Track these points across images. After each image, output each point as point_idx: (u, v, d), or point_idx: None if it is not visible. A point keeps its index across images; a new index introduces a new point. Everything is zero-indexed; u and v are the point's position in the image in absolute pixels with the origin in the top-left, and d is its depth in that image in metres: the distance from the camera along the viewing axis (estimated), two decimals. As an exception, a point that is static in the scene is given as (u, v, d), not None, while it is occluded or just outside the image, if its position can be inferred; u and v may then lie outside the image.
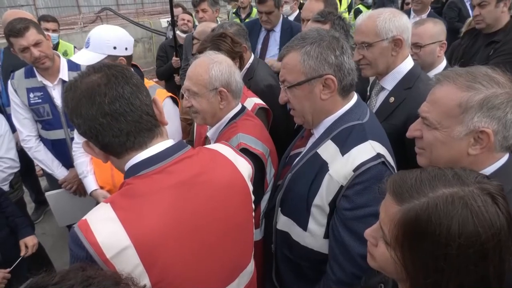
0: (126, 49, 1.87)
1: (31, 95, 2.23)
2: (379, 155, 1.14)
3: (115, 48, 1.82)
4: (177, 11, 5.08)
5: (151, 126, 0.91)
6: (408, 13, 3.64)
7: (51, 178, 2.50)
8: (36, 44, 2.11)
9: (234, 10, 5.23)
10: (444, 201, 0.67)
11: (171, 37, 4.07)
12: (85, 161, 2.10)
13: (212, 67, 1.43)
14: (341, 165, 1.15)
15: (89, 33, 1.83)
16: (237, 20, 4.87)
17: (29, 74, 2.25)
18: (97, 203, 2.12)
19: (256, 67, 2.20)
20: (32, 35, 2.09)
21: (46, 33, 2.29)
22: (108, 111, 0.85)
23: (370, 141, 1.16)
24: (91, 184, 2.06)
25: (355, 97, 1.28)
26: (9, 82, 2.26)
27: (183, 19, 4.08)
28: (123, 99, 0.86)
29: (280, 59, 1.29)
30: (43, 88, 2.25)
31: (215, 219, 0.95)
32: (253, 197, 1.09)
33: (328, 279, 1.22)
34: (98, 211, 0.85)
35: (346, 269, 1.16)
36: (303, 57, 1.18)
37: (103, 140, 0.87)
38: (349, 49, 1.24)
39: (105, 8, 10.95)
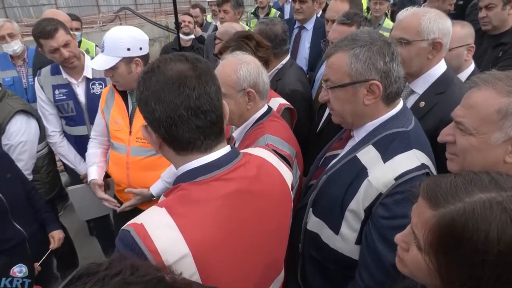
0: (140, 49, 1.84)
1: (57, 91, 2.28)
2: (423, 166, 1.10)
3: (129, 49, 1.80)
4: (195, 12, 5.13)
5: (220, 131, 0.89)
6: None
7: (73, 173, 2.54)
8: (66, 45, 2.15)
9: (253, 10, 5.25)
10: (481, 206, 0.64)
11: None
12: (95, 152, 2.15)
13: (240, 67, 1.41)
14: (382, 172, 1.11)
15: (104, 37, 1.82)
16: (255, 21, 4.89)
17: (55, 71, 2.29)
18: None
19: (287, 69, 2.17)
20: (61, 36, 2.13)
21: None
22: (192, 105, 0.82)
23: (414, 150, 1.12)
24: (92, 173, 2.11)
25: (400, 104, 1.24)
26: (36, 78, 2.32)
27: (184, 21, 4.07)
28: (208, 97, 0.84)
29: (325, 58, 1.26)
30: (67, 85, 2.29)
31: (264, 228, 0.93)
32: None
33: (356, 286, 1.18)
34: (153, 215, 0.81)
35: (377, 277, 1.12)
36: (351, 59, 1.14)
37: (176, 132, 0.83)
38: (400, 56, 1.20)
39: (124, 7, 11.15)
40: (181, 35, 3.86)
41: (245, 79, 1.42)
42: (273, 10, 5.05)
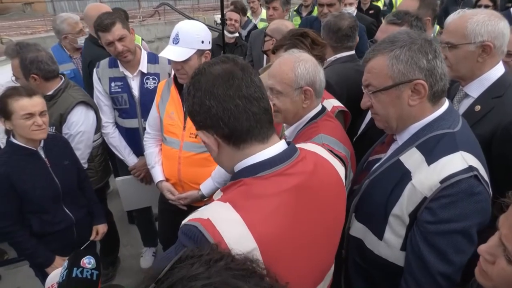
0: (209, 42, 1.96)
1: (113, 84, 2.41)
2: (471, 168, 1.08)
3: (202, 42, 1.89)
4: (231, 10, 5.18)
5: (271, 120, 0.94)
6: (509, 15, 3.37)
7: (121, 164, 2.69)
8: (120, 39, 2.26)
9: (296, 8, 5.23)
10: None
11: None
12: (154, 151, 2.24)
13: (298, 65, 1.44)
14: (427, 175, 1.11)
15: (175, 28, 1.90)
16: (298, 19, 4.87)
17: (112, 64, 2.43)
18: (161, 193, 2.26)
19: (337, 63, 2.21)
20: (117, 30, 2.24)
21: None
22: (245, 93, 0.88)
23: (461, 152, 1.11)
24: (158, 174, 2.19)
25: (446, 104, 1.23)
26: (94, 70, 2.47)
27: (231, 19, 4.11)
28: (256, 86, 0.90)
29: (364, 63, 1.27)
30: (123, 78, 2.42)
31: (322, 222, 0.97)
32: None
33: (402, 294, 1.19)
34: (219, 210, 0.84)
35: (422, 285, 1.12)
36: (392, 61, 1.15)
37: (236, 122, 0.88)
38: (447, 60, 1.20)
39: (164, 3, 11.44)
40: (226, 33, 3.92)
41: (302, 77, 1.44)
42: (317, 8, 5.01)
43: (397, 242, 1.19)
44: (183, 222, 0.86)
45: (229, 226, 0.80)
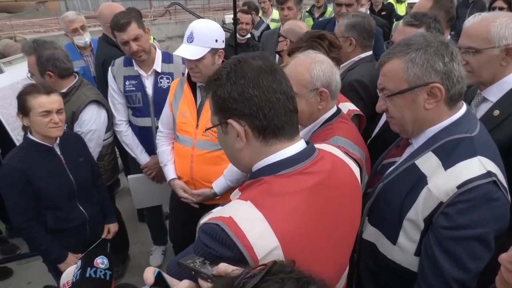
0: (223, 41, 1.97)
1: (127, 82, 2.44)
2: (489, 173, 1.07)
3: (216, 41, 1.91)
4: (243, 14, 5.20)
5: (296, 120, 0.95)
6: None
7: (133, 162, 2.72)
8: (135, 39, 2.29)
9: (308, 8, 5.23)
10: None
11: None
12: (166, 150, 2.26)
13: (314, 66, 1.44)
14: (443, 180, 1.10)
15: (190, 27, 1.92)
16: (310, 20, 4.87)
17: (127, 63, 2.46)
18: (173, 191, 2.27)
19: (364, 62, 2.22)
20: (132, 30, 2.27)
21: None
22: (284, 89, 0.90)
23: (479, 157, 1.10)
24: (170, 173, 2.21)
25: (464, 108, 1.21)
26: (109, 69, 2.50)
27: (242, 23, 4.10)
28: (288, 85, 0.92)
29: (379, 67, 1.26)
30: (138, 77, 2.45)
31: (340, 222, 0.97)
32: None
33: (415, 300, 1.18)
34: (240, 209, 0.84)
35: None
36: (407, 64, 1.14)
37: (274, 115, 0.88)
38: (459, 56, 1.18)
39: (174, 2, 11.52)
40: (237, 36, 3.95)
41: (318, 79, 1.44)
42: (329, 9, 4.99)
43: (411, 247, 1.18)
44: (203, 220, 0.86)
45: (251, 224, 0.79)
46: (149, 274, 0.76)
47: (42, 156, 1.96)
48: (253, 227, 0.79)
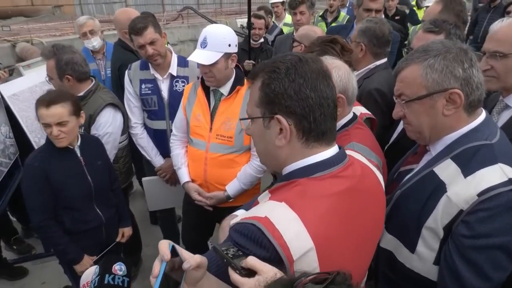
0: (235, 45, 1.99)
1: (143, 86, 2.47)
2: (511, 181, 1.05)
3: (229, 45, 1.93)
4: (261, 13, 5.23)
5: (336, 127, 0.97)
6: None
7: (149, 165, 2.74)
8: (151, 43, 2.32)
9: (321, 13, 5.23)
10: None
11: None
12: (180, 153, 2.28)
13: (331, 72, 1.45)
14: (463, 188, 1.09)
15: (203, 32, 1.95)
16: (323, 24, 4.86)
17: (144, 67, 2.49)
18: (186, 193, 2.29)
19: (379, 70, 2.20)
20: (149, 34, 2.30)
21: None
22: (334, 96, 0.91)
23: (500, 164, 1.08)
24: (184, 176, 2.23)
25: (483, 114, 1.20)
26: (126, 72, 2.54)
27: (255, 28, 4.11)
28: (335, 93, 0.94)
29: (396, 73, 1.25)
30: (153, 81, 2.48)
31: (367, 228, 0.97)
32: None
33: (435, 310, 1.16)
34: (275, 209, 0.83)
35: None
36: (426, 70, 1.14)
37: (321, 120, 0.88)
38: (478, 62, 1.17)
39: (187, 6, 11.64)
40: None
41: (335, 85, 1.43)
42: (342, 14, 4.99)
43: (430, 256, 1.17)
44: (235, 221, 0.86)
45: (288, 225, 0.79)
46: (165, 250, 0.76)
47: (63, 157, 1.99)
48: (289, 227, 0.79)
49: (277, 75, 0.88)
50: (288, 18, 5.40)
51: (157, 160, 2.63)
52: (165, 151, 2.58)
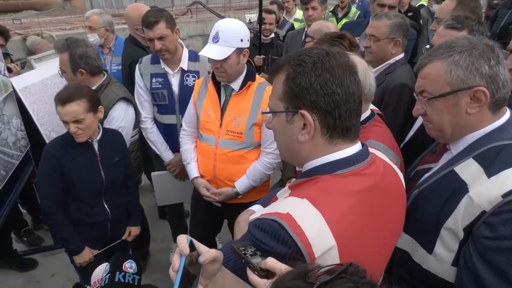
0: (247, 40, 1.97)
1: (154, 80, 2.46)
2: None
3: (241, 40, 1.90)
4: (273, 7, 5.19)
5: (359, 123, 0.95)
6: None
7: (158, 159, 2.74)
8: (160, 38, 2.30)
9: (332, 8, 5.17)
10: None
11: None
12: (190, 148, 2.27)
13: None
14: (486, 188, 1.05)
15: (215, 27, 1.92)
16: (333, 20, 4.80)
17: (155, 61, 2.48)
18: (195, 189, 2.28)
19: (399, 65, 2.17)
20: (159, 29, 2.29)
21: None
22: (360, 92, 0.89)
23: None
24: (193, 171, 2.22)
25: (507, 113, 1.16)
26: (137, 66, 2.53)
27: (265, 23, 4.07)
28: (361, 89, 0.91)
29: (418, 69, 1.22)
30: (164, 75, 2.47)
31: (388, 227, 0.96)
32: None
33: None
34: (297, 206, 0.82)
35: None
36: (450, 67, 1.10)
37: (347, 117, 0.87)
38: (504, 60, 1.14)
39: (196, 1, 11.60)
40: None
41: None
42: (353, 10, 4.92)
43: (449, 257, 1.14)
44: (255, 216, 0.85)
45: (310, 222, 0.78)
46: (184, 244, 0.75)
47: (79, 149, 2.00)
48: (312, 224, 0.78)
49: (303, 69, 0.85)
50: (298, 14, 5.35)
51: (166, 154, 2.62)
52: (175, 146, 2.57)
